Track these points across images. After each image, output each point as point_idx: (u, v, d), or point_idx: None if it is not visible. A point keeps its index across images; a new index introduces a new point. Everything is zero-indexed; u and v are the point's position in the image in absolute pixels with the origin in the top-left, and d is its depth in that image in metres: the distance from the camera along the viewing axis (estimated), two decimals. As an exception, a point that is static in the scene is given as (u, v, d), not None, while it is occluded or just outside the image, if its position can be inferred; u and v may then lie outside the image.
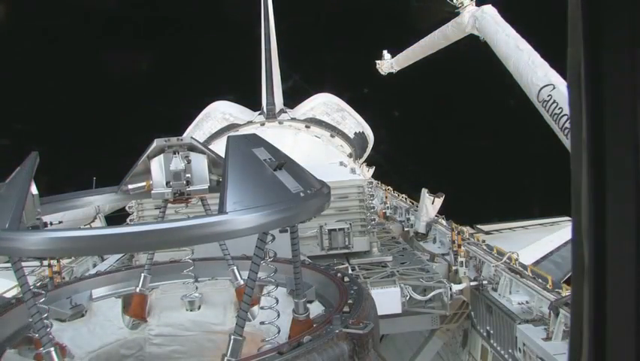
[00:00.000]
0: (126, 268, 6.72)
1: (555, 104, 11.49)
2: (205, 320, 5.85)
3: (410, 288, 11.28)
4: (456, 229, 13.93)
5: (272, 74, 22.07)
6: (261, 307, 5.34)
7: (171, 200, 5.24)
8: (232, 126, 19.38)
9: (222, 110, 21.03)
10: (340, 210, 13.20)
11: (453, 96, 39.72)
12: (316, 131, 18.87)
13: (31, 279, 10.63)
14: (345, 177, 13.77)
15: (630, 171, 1.19)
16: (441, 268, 13.07)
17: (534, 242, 18.55)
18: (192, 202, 5.43)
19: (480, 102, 36.99)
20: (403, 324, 11.86)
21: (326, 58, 44.10)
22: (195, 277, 5.84)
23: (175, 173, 5.10)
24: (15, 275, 3.57)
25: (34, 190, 4.24)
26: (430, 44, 21.47)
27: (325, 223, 12.79)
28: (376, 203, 18.72)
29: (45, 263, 12.60)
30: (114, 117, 38.22)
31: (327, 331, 3.66)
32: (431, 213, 16.94)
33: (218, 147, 5.52)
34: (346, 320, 3.79)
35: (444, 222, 16.47)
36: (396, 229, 18.36)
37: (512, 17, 14.83)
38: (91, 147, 36.71)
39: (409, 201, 21.08)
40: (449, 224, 15.50)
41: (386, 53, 29.99)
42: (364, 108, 22.49)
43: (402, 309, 11.13)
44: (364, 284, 10.12)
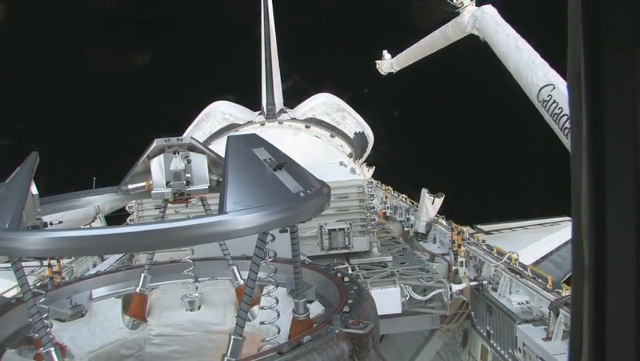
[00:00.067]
0: (126, 268, 6.72)
1: (555, 104, 11.50)
2: (205, 320, 5.85)
3: (410, 288, 11.28)
4: (456, 229, 13.92)
5: (272, 74, 22.06)
6: (261, 307, 5.33)
7: (171, 200, 5.24)
8: (232, 126, 19.36)
9: (222, 110, 21.01)
10: (340, 210, 13.20)
11: (453, 96, 39.72)
12: (316, 131, 18.85)
13: (31, 279, 10.61)
14: (345, 177, 13.76)
15: (630, 171, 1.19)
16: (441, 268, 13.07)
17: (534, 242, 18.55)
18: (192, 202, 5.43)
19: (480, 102, 37.00)
20: (403, 324, 11.87)
21: (326, 58, 44.15)
22: (195, 277, 5.84)
23: (175, 173, 5.10)
24: (15, 275, 3.57)
25: (34, 190, 4.24)
26: (430, 44, 21.47)
27: (325, 223, 12.79)
28: (376, 203, 18.72)
29: (45, 263, 12.59)
30: (114, 117, 38.23)
31: (327, 331, 3.66)
32: (431, 213, 16.95)
33: (218, 147, 5.52)
34: (346, 320, 3.79)
35: (444, 222, 16.48)
36: (396, 229, 18.36)
37: (512, 17, 14.83)
38: (91, 147, 36.74)
39: (409, 201, 21.08)
40: (449, 224, 15.50)
41: (386, 53, 29.97)
42: (364, 108, 22.47)
43: (402, 309, 11.14)
44: (364, 284, 10.13)
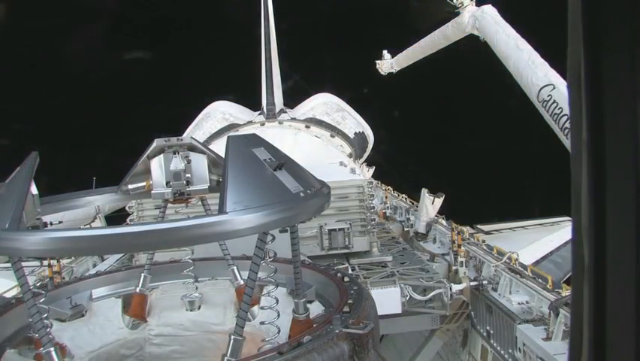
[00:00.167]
0: (126, 268, 6.72)
1: (555, 104, 11.50)
2: (205, 320, 5.85)
3: (410, 288, 11.28)
4: (456, 229, 13.92)
5: (272, 74, 22.06)
6: (261, 307, 5.33)
7: (171, 200, 5.23)
8: (232, 126, 19.35)
9: (222, 110, 21.00)
10: (340, 210, 13.20)
11: (453, 96, 39.71)
12: (316, 131, 18.84)
13: (31, 279, 10.61)
14: (345, 177, 13.76)
15: (630, 171, 1.19)
16: (441, 268, 13.07)
17: (534, 242, 18.55)
18: (192, 202, 5.43)
19: (480, 102, 36.98)
20: (403, 324, 11.87)
21: (326, 58, 44.07)
22: (195, 277, 5.84)
23: (175, 173, 5.10)
24: (15, 275, 3.57)
25: (34, 190, 4.24)
26: (430, 44, 21.47)
27: (325, 223, 12.79)
28: (376, 203, 18.73)
29: (45, 263, 12.59)
30: (114, 117, 38.22)
31: (327, 331, 3.66)
32: (431, 213, 16.95)
33: (218, 147, 5.52)
34: (346, 320, 3.79)
35: (444, 222, 16.48)
36: (396, 229, 18.36)
37: (512, 17, 14.83)
38: (91, 147, 36.75)
39: (409, 201, 21.08)
40: (449, 224, 15.50)
41: (386, 53, 29.98)
42: (364, 108, 22.46)
43: (402, 309, 11.14)
44: (364, 284, 10.13)
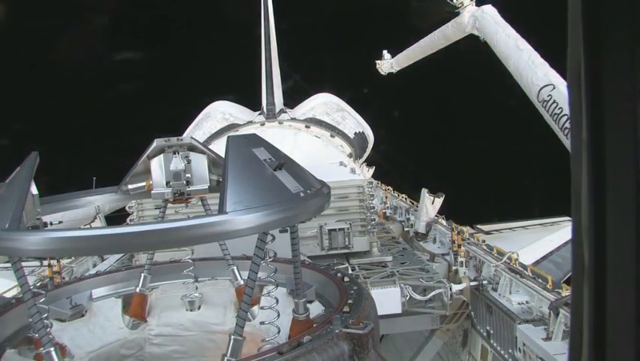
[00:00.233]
0: (126, 268, 6.71)
1: (555, 104, 11.50)
2: (205, 320, 5.85)
3: (410, 288, 11.29)
4: (456, 229, 13.92)
5: (272, 74, 22.08)
6: (261, 307, 5.33)
7: (171, 200, 5.23)
8: (232, 126, 19.37)
9: (222, 110, 21.02)
10: (340, 210, 13.20)
11: (453, 96, 39.70)
12: (316, 131, 18.86)
13: (31, 279, 10.62)
14: (345, 177, 13.77)
15: (630, 171, 1.19)
16: (441, 268, 13.07)
17: (534, 242, 18.55)
18: (192, 202, 5.43)
19: (480, 102, 36.98)
20: (403, 324, 11.87)
21: (326, 58, 44.11)
22: (195, 277, 5.83)
23: (175, 173, 5.10)
24: (15, 275, 3.56)
25: (34, 190, 4.24)
26: (430, 44, 21.47)
27: (325, 223, 12.79)
28: (376, 203, 18.72)
29: (45, 263, 12.59)
30: (114, 117, 38.23)
31: (327, 331, 3.66)
32: (431, 213, 16.95)
33: (218, 147, 5.52)
34: (346, 320, 3.79)
35: (444, 222, 16.48)
36: (396, 229, 18.36)
37: (512, 17, 14.83)
38: (91, 147, 36.74)
39: (409, 201, 21.09)
40: (449, 224, 15.50)
41: (386, 53, 29.96)
42: (364, 108, 22.48)
43: (402, 309, 11.14)
44: (364, 284, 10.13)
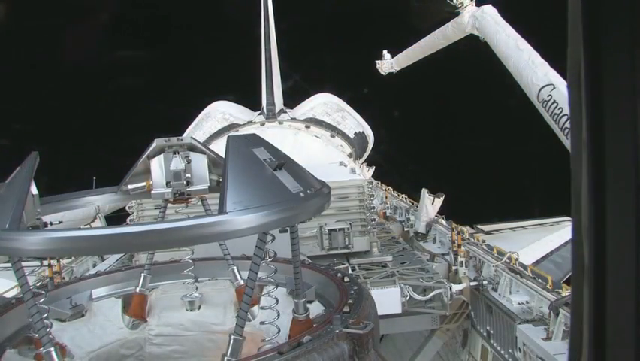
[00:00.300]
0: (126, 268, 6.71)
1: (555, 104, 11.50)
2: (205, 320, 5.85)
3: (410, 288, 11.28)
4: (456, 229, 13.92)
5: (272, 74, 22.09)
6: (261, 307, 5.33)
7: (171, 200, 5.23)
8: (232, 126, 19.38)
9: (222, 110, 21.03)
10: (340, 210, 13.19)
11: (453, 96, 39.71)
12: (316, 131, 18.87)
13: (31, 279, 10.62)
14: (345, 177, 13.76)
15: (630, 171, 1.19)
16: (441, 268, 13.06)
17: (534, 242, 18.55)
18: (192, 202, 5.43)
19: (480, 102, 36.99)
20: (403, 324, 11.87)
21: (326, 58, 44.10)
22: (195, 277, 5.83)
23: (175, 173, 5.10)
24: (15, 275, 3.56)
25: (34, 190, 4.24)
26: (430, 44, 21.48)
27: (325, 223, 12.78)
28: (376, 203, 18.72)
29: (45, 263, 12.59)
30: (114, 117, 38.23)
31: (327, 331, 3.66)
32: (431, 213, 16.95)
33: (218, 147, 5.52)
34: (346, 320, 3.78)
35: (444, 222, 16.48)
36: (396, 229, 18.36)
37: (512, 17, 14.84)
38: (91, 147, 36.74)
39: (409, 201, 21.08)
40: (449, 224, 15.50)
41: (386, 53, 29.98)
42: (364, 108, 22.50)
43: (402, 309, 11.14)
44: (364, 284, 10.13)
